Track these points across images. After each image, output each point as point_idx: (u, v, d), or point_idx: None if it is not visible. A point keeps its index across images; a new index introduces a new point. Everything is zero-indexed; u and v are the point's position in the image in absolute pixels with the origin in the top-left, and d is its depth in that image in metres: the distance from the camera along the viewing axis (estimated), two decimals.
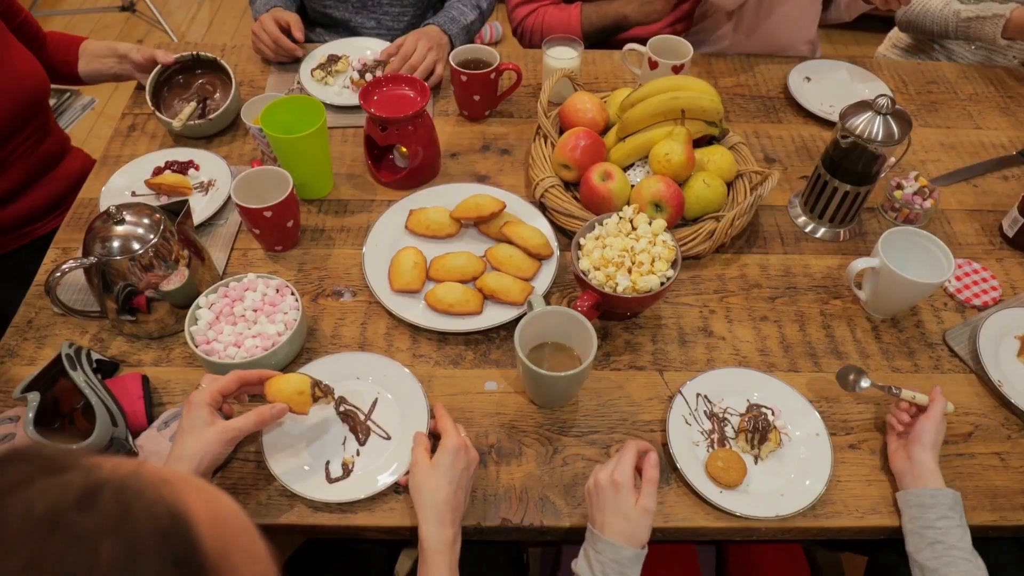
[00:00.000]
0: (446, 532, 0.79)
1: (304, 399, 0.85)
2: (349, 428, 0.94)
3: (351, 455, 0.92)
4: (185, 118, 1.30)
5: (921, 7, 1.63)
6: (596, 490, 0.82)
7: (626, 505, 0.79)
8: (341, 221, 1.21)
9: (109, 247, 0.94)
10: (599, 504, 0.81)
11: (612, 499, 0.80)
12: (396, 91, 1.22)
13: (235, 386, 0.84)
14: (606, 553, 0.77)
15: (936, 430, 0.90)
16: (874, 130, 1.07)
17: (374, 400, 0.97)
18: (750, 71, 1.55)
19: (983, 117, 1.48)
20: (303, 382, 0.86)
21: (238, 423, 0.80)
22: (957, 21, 1.56)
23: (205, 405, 0.80)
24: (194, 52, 1.38)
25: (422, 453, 0.85)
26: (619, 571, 0.77)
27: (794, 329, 1.09)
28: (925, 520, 0.84)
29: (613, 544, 0.77)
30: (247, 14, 3.34)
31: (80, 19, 3.25)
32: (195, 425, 0.79)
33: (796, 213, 1.25)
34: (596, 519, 0.81)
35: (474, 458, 0.86)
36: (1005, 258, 1.21)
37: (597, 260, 1.01)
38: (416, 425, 0.93)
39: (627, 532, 0.78)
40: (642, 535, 0.79)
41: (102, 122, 2.75)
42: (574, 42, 1.40)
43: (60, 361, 0.87)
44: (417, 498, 0.82)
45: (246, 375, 0.85)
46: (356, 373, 0.99)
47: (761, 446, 0.93)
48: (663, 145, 1.15)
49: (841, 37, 3.23)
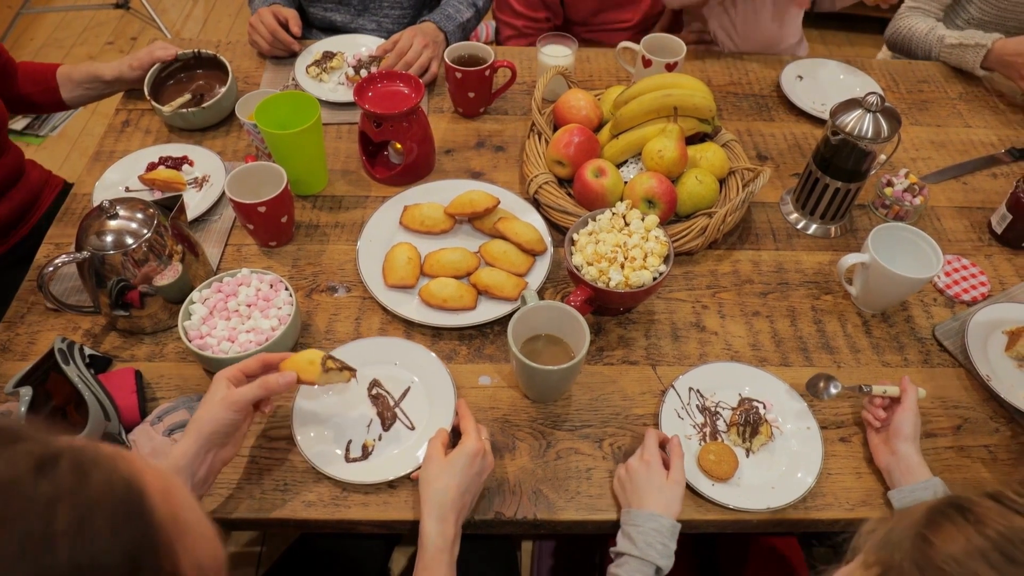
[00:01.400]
0: (448, 530, 0.80)
1: (314, 368, 0.86)
2: (377, 412, 0.95)
3: (373, 438, 0.93)
4: (176, 106, 1.30)
5: (908, 29, 1.65)
6: (629, 474, 0.87)
7: (659, 479, 0.85)
8: (335, 217, 1.22)
9: (102, 242, 0.94)
10: (634, 486, 0.86)
11: (646, 477, 0.86)
12: (391, 87, 1.23)
13: (257, 366, 0.85)
14: (648, 523, 0.82)
15: (914, 420, 0.91)
16: (864, 127, 1.08)
17: (406, 388, 0.98)
18: (743, 70, 1.56)
19: (973, 116, 1.49)
20: (315, 354, 0.87)
21: (243, 390, 0.81)
22: (941, 47, 1.58)
23: (224, 379, 0.82)
24: (196, 50, 1.38)
25: (439, 448, 0.86)
26: (661, 540, 0.81)
27: (786, 324, 1.10)
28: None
29: (654, 515, 0.82)
30: (242, 11, 3.34)
31: (73, 16, 3.24)
32: (210, 396, 0.81)
33: (788, 210, 1.26)
34: (632, 501, 0.85)
35: (489, 464, 0.87)
36: (994, 254, 1.22)
37: (590, 255, 1.02)
38: (441, 421, 0.94)
39: (663, 503, 0.84)
40: (676, 506, 0.85)
41: (95, 119, 2.74)
42: (568, 40, 1.41)
43: (53, 356, 0.87)
44: (424, 493, 0.82)
45: (269, 357, 0.87)
46: (396, 359, 1.01)
47: (752, 439, 0.94)
48: (656, 142, 1.16)
49: (834, 38, 3.25)
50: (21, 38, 3.10)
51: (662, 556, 0.81)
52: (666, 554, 0.81)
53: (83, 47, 3.09)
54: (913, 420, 0.91)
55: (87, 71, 1.35)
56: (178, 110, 1.29)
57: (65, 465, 0.40)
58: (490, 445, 0.89)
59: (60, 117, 2.73)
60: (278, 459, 0.92)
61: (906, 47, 1.67)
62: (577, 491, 0.91)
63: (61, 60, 2.98)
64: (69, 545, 0.38)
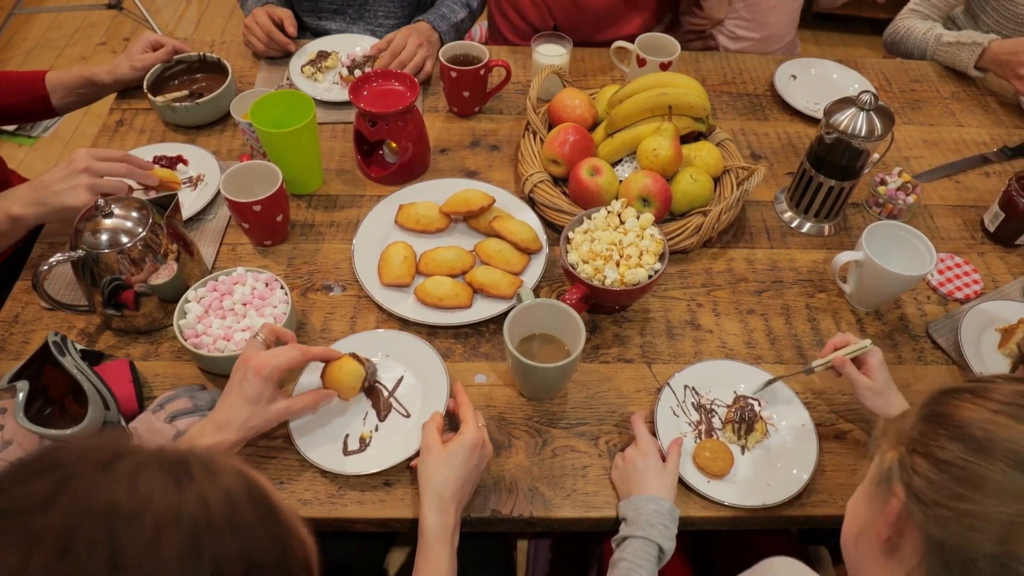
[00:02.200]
0: (448, 521, 0.80)
1: (355, 388, 0.89)
2: (372, 403, 0.96)
3: (370, 430, 0.93)
4: (171, 98, 1.30)
5: (906, 29, 1.66)
6: (627, 463, 0.89)
7: (656, 464, 0.88)
8: (331, 216, 1.22)
9: (97, 240, 0.94)
10: (633, 473, 0.88)
11: (643, 463, 0.88)
12: (386, 86, 1.23)
13: (303, 362, 0.86)
14: (649, 505, 0.83)
15: (881, 387, 0.91)
16: (857, 126, 1.09)
17: (399, 378, 0.98)
18: (737, 69, 1.57)
19: (965, 115, 1.50)
20: (360, 373, 0.89)
21: (298, 405, 0.84)
22: (937, 45, 1.59)
23: (272, 381, 0.82)
24: (201, 53, 1.39)
25: (435, 436, 0.85)
26: (663, 522, 0.83)
27: (780, 322, 1.10)
28: None
29: (654, 498, 0.84)
30: (235, 12, 3.33)
31: (66, 16, 3.23)
32: (259, 399, 0.81)
33: (782, 208, 1.27)
34: (633, 488, 0.87)
35: (488, 453, 0.87)
36: (986, 252, 1.23)
37: (585, 253, 1.02)
38: (436, 406, 0.94)
39: (662, 485, 0.86)
40: (674, 490, 0.87)
41: (88, 120, 2.73)
42: (563, 39, 1.41)
43: (47, 348, 0.87)
44: (424, 484, 0.82)
45: (313, 352, 0.87)
46: (387, 350, 1.01)
47: (748, 436, 0.94)
48: (651, 141, 1.16)
49: (828, 39, 3.26)
50: (13, 39, 3.09)
51: (664, 537, 0.81)
52: (668, 536, 0.82)
53: (75, 48, 3.07)
54: (880, 397, 0.90)
55: (81, 75, 1.31)
56: (171, 103, 1.29)
57: (195, 469, 0.44)
58: (487, 433, 0.89)
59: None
60: (274, 456, 0.92)
61: (903, 47, 1.68)
62: (573, 488, 0.91)
63: (53, 61, 2.99)
64: (231, 536, 0.42)
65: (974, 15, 1.70)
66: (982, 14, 1.67)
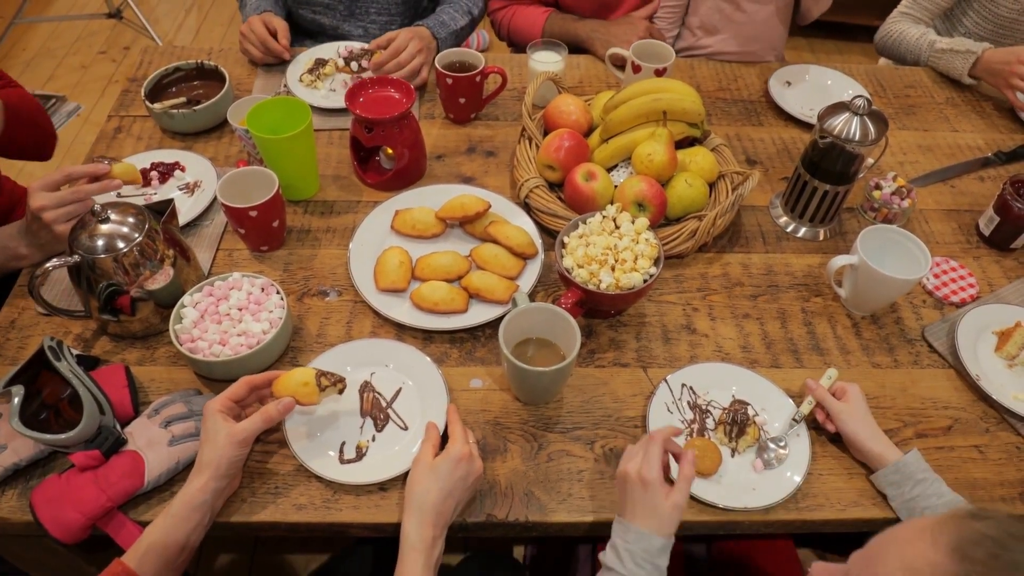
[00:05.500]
0: (426, 533, 0.80)
1: (310, 389, 0.87)
2: (370, 413, 0.96)
3: (367, 439, 0.93)
4: (168, 105, 1.31)
5: (898, 34, 1.66)
6: (625, 483, 0.82)
7: (655, 500, 0.79)
8: (327, 222, 1.22)
9: (93, 245, 0.94)
10: (628, 497, 0.81)
11: (641, 496, 0.80)
12: (382, 93, 1.23)
13: (245, 391, 0.87)
14: (636, 544, 0.78)
15: (854, 419, 0.93)
16: (851, 130, 1.09)
17: (398, 389, 0.98)
18: (731, 76, 1.58)
19: (959, 120, 1.51)
20: (307, 373, 0.88)
21: (246, 425, 0.83)
22: (931, 51, 1.59)
23: (217, 413, 0.83)
24: (199, 61, 1.40)
25: (428, 450, 0.86)
26: (649, 560, 0.77)
27: (776, 326, 1.10)
28: (904, 495, 0.88)
29: (642, 533, 0.78)
30: (234, 21, 3.35)
31: (66, 26, 3.24)
32: (209, 434, 0.82)
33: (777, 213, 1.27)
34: (626, 509, 0.81)
35: (476, 469, 0.86)
36: (982, 256, 1.23)
37: (581, 258, 1.02)
38: (434, 420, 0.94)
39: (655, 526, 0.78)
40: (670, 528, 0.79)
41: (87, 128, 2.74)
42: (558, 46, 1.42)
43: (43, 353, 0.87)
44: (408, 493, 0.83)
45: (255, 379, 0.88)
46: (386, 360, 1.01)
47: (739, 439, 0.94)
48: (646, 146, 1.17)
49: (823, 46, 3.28)
50: (14, 48, 3.10)
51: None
52: (654, 574, 0.78)
53: (76, 57, 3.09)
54: (853, 420, 0.93)
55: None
56: (169, 110, 1.29)
57: None
58: (478, 450, 0.89)
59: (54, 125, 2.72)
60: (269, 462, 0.92)
61: (895, 51, 1.69)
62: (569, 493, 0.91)
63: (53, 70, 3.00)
64: None
65: (956, 17, 1.70)
66: (963, 16, 1.68)
